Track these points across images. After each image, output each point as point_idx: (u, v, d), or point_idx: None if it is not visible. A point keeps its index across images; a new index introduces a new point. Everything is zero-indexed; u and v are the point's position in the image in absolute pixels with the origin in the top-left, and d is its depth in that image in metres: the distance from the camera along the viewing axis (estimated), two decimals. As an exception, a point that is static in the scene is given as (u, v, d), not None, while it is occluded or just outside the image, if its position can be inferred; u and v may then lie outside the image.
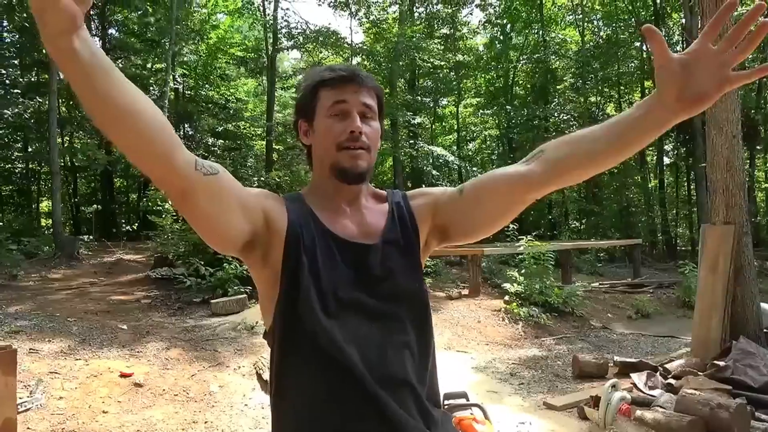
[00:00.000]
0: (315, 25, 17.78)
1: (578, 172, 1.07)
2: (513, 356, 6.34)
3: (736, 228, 5.20)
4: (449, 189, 1.25)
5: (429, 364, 1.15)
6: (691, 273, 9.74)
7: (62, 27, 0.74)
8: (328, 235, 1.13)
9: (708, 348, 5.06)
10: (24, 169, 19.56)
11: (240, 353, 5.72)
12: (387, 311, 1.10)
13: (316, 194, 1.20)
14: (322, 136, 1.16)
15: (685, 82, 0.89)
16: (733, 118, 5.34)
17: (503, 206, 1.15)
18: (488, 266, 11.99)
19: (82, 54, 0.76)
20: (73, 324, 6.33)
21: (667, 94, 0.91)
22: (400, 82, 19.81)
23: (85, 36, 0.77)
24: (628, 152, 1.02)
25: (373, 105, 1.17)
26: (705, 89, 0.88)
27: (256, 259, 1.11)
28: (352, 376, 1.03)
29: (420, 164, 17.88)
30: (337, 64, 1.22)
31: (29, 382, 4.32)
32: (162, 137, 0.87)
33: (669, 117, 0.93)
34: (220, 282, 8.11)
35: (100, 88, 0.79)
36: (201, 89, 20.71)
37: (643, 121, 0.96)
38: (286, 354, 1.09)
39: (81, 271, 10.68)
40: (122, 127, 0.83)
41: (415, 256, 1.18)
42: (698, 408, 3.73)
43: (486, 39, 24.03)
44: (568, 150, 1.07)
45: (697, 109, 0.91)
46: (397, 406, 1.04)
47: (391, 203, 1.23)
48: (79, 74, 0.78)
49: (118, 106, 0.81)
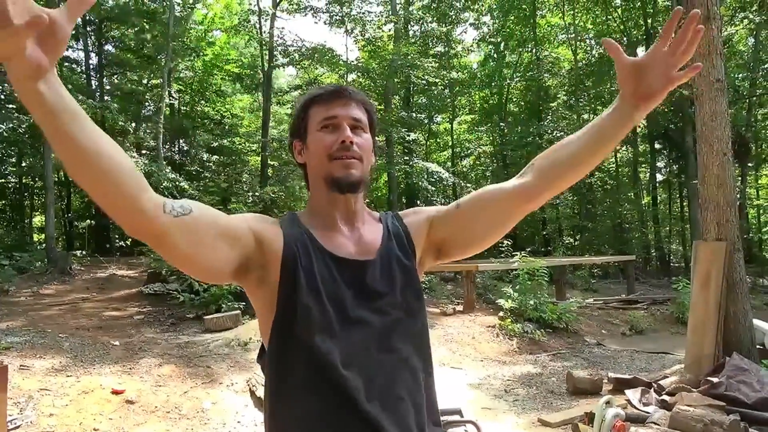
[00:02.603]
0: (311, 43, 17.92)
1: (568, 176, 1.15)
2: (507, 372, 6.33)
3: (728, 244, 5.24)
4: (443, 207, 1.28)
5: (428, 380, 1.16)
6: (684, 289, 9.76)
7: (27, 73, 0.76)
8: (326, 253, 1.13)
9: (701, 364, 5.07)
10: (17, 183, 19.50)
11: (233, 370, 5.68)
12: (387, 328, 1.11)
13: (312, 213, 1.21)
14: (315, 149, 1.18)
15: (640, 81, 1.05)
16: (724, 135, 5.41)
17: (501, 217, 1.19)
18: (483, 282, 12.00)
19: (48, 97, 0.78)
20: (64, 340, 6.27)
21: (626, 91, 1.06)
22: (395, 99, 19.97)
23: (52, 81, 0.79)
24: (606, 149, 1.12)
25: (362, 118, 1.20)
26: (655, 87, 1.04)
27: (252, 282, 1.11)
28: (348, 398, 1.03)
29: (415, 180, 17.94)
30: (328, 84, 1.26)
31: (20, 399, 4.27)
32: (128, 181, 0.87)
33: (630, 111, 1.07)
34: (213, 298, 8.08)
35: (65, 130, 0.80)
36: (197, 105, 20.80)
37: (611, 119, 1.09)
38: (282, 374, 1.08)
39: (73, 287, 10.61)
40: (88, 170, 0.84)
41: (413, 272, 1.19)
42: (692, 425, 3.73)
43: (480, 57, 24.30)
44: (555, 158, 1.15)
45: (650, 103, 1.06)
46: (394, 427, 1.04)
47: (385, 222, 1.25)
48: (44, 115, 0.79)
49: (84, 148, 0.82)
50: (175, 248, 0.95)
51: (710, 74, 5.43)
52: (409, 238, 1.22)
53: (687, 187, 18.43)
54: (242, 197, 16.40)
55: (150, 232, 0.92)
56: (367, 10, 19.04)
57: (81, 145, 0.81)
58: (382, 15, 19.25)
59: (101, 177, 0.84)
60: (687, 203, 19.72)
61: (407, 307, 1.15)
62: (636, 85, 1.05)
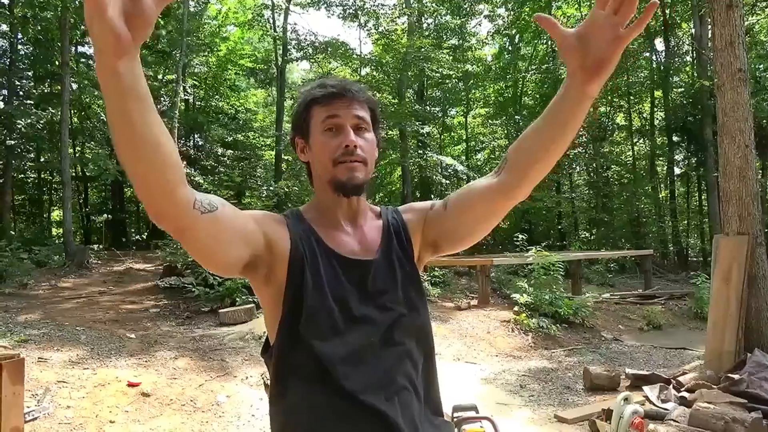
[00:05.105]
0: (324, 37, 17.93)
1: (540, 166, 1.09)
2: (523, 368, 6.27)
3: (750, 238, 5.12)
4: (437, 202, 1.29)
5: (430, 371, 1.20)
6: (703, 284, 9.62)
7: (111, 49, 0.76)
8: (331, 253, 1.16)
9: (722, 361, 4.97)
10: (36, 178, 19.77)
11: (248, 363, 5.70)
12: (390, 323, 1.14)
13: (316, 210, 1.24)
14: (318, 152, 1.19)
15: (585, 51, 0.93)
16: (746, 127, 5.29)
17: (487, 215, 1.19)
18: (497, 277, 11.92)
19: (124, 77, 0.79)
20: (81, 333, 6.34)
21: (572, 67, 0.95)
22: (409, 92, 19.86)
23: (133, 64, 0.80)
24: (569, 132, 1.04)
25: (365, 117, 1.21)
26: (603, 53, 0.92)
27: (259, 279, 1.14)
28: (352, 392, 1.06)
29: (429, 174, 17.87)
30: (329, 79, 1.25)
31: (37, 391, 4.32)
32: (172, 172, 0.89)
33: (583, 87, 0.96)
34: (228, 291, 8.12)
35: (130, 113, 0.81)
36: (211, 100, 20.90)
37: (564, 100, 1.00)
38: (287, 370, 1.11)
39: (90, 280, 10.74)
40: (139, 155, 0.85)
41: (413, 268, 1.23)
42: (712, 422, 3.66)
43: (495, 49, 24.05)
44: (524, 150, 1.10)
45: (602, 74, 0.94)
46: (397, 420, 1.07)
47: (385, 218, 1.28)
48: (115, 94, 0.80)
49: (142, 133, 0.83)
50: (196, 241, 0.99)
51: (732, 64, 5.30)
52: (407, 235, 1.26)
53: (706, 181, 18.11)
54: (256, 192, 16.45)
55: (176, 225, 0.94)
56: (380, 3, 18.93)
57: (140, 131, 0.83)
58: (395, 8, 19.13)
59: (149, 164, 0.86)
60: (706, 197, 19.39)
61: (409, 302, 1.18)
62: (582, 57, 0.93)
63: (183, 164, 0.93)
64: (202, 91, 20.73)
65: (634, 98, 21.50)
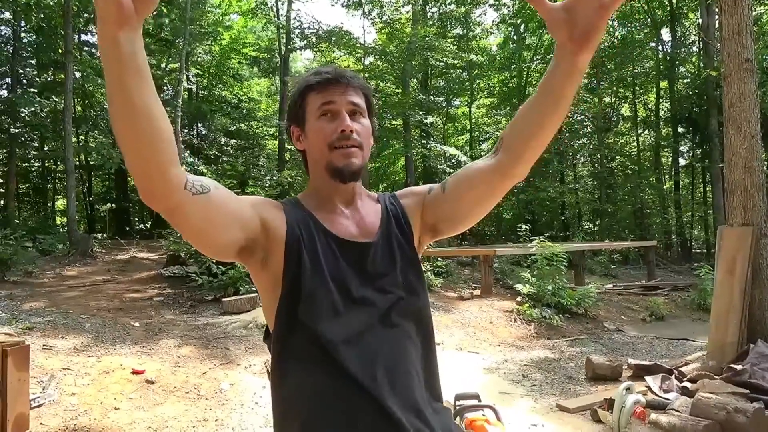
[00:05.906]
0: (328, 25, 17.79)
1: (536, 143, 1.08)
2: (525, 357, 6.29)
3: (754, 229, 5.10)
4: (434, 186, 1.30)
5: (429, 356, 1.19)
6: (706, 275, 9.60)
7: (113, 17, 0.78)
8: (328, 235, 1.16)
9: (725, 351, 4.97)
10: (40, 167, 19.82)
11: (251, 351, 5.72)
12: (389, 306, 1.13)
13: (313, 197, 1.24)
14: (314, 138, 1.20)
15: (572, 22, 0.92)
16: (752, 117, 5.25)
17: (484, 196, 1.20)
18: (500, 267, 11.93)
19: (123, 47, 0.80)
20: (86, 321, 6.38)
21: (561, 39, 0.95)
22: (413, 82, 19.78)
23: (133, 35, 0.82)
24: (562, 106, 1.03)
25: (360, 103, 1.21)
26: (590, 22, 0.91)
27: (256, 264, 1.14)
28: (353, 375, 1.05)
29: (432, 164, 17.83)
30: (323, 67, 1.25)
31: (42, 378, 4.35)
32: (165, 149, 0.89)
33: (572, 59, 0.96)
34: (231, 280, 8.15)
35: (126, 83, 0.82)
36: (214, 89, 20.87)
37: (555, 74, 0.99)
38: (288, 354, 1.11)
39: (95, 269, 10.79)
40: (134, 127, 0.85)
41: (412, 252, 1.23)
42: (714, 412, 3.66)
43: (499, 39, 23.89)
44: (519, 127, 1.10)
45: (590, 43, 0.93)
46: (399, 402, 1.06)
47: (383, 203, 1.29)
48: (113, 63, 0.81)
49: (136, 105, 0.84)
50: (186, 222, 0.98)
51: (740, 54, 5.24)
52: (406, 219, 1.26)
53: (710, 172, 18.03)
54: (260, 181, 16.48)
55: (166, 204, 0.94)
56: (385, -8, 18.82)
57: (136, 102, 0.83)
58: (400, -4, 19.01)
59: (143, 138, 0.86)
60: (710, 188, 19.31)
61: (408, 285, 1.17)
62: (570, 29, 0.92)
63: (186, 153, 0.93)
64: (206, 80, 20.68)
65: (639, 89, 21.39)
